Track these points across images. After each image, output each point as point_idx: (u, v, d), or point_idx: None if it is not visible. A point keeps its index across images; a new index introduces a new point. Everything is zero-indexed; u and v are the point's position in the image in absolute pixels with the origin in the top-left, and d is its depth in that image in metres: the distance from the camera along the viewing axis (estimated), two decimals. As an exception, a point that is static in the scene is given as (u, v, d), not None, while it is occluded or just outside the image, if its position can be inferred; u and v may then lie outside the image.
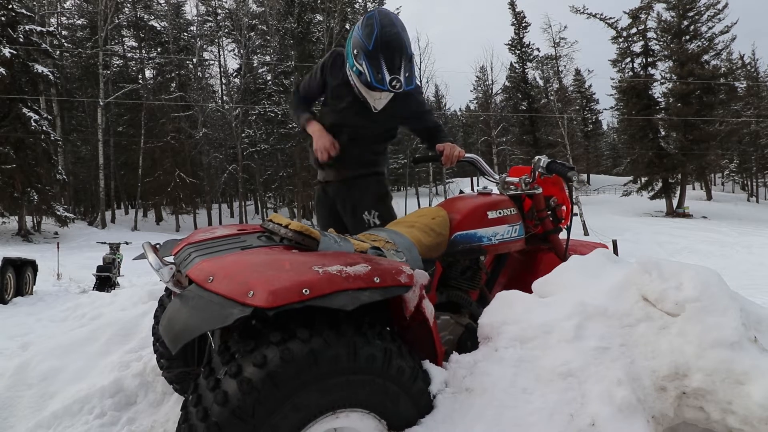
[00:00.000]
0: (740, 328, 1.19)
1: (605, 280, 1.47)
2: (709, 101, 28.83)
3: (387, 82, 2.02)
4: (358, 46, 2.08)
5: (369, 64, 2.04)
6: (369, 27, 2.04)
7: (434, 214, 1.87)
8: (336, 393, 1.10)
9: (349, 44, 2.16)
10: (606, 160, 60.68)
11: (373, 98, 2.23)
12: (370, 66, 2.04)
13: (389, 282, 1.21)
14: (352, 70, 2.15)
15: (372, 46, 2.02)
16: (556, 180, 2.18)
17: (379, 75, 2.03)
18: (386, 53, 2.02)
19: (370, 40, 2.03)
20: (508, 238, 1.96)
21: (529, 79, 36.78)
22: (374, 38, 2.02)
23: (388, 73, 2.02)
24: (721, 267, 10.12)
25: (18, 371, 2.46)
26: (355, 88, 2.22)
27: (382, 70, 2.02)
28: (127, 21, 31.23)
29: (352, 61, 2.13)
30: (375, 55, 2.02)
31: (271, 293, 1.05)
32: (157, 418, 2.09)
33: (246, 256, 1.29)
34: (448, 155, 2.22)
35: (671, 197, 29.98)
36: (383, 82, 2.03)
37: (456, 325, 1.79)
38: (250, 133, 29.83)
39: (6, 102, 19.36)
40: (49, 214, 20.43)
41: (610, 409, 1.17)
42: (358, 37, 2.09)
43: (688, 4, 28.98)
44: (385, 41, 2.02)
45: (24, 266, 7.92)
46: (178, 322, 1.09)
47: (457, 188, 28.59)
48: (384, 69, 2.02)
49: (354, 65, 2.12)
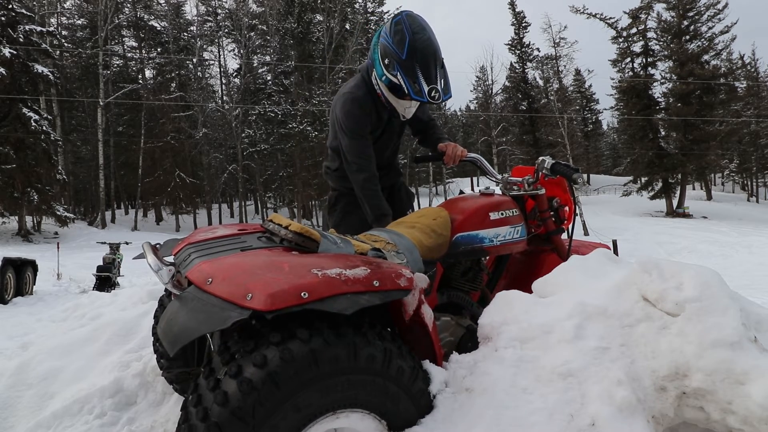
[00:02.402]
0: (740, 328, 1.19)
1: (605, 280, 1.47)
2: (709, 101, 28.83)
3: (426, 94, 1.91)
4: (389, 55, 1.95)
5: (404, 74, 1.91)
6: (399, 33, 1.92)
7: (435, 214, 1.86)
8: (336, 393, 1.10)
9: (375, 52, 2.04)
10: (606, 160, 60.70)
11: (402, 107, 2.13)
12: (406, 77, 1.91)
13: (389, 285, 1.20)
14: (381, 80, 2.03)
15: (406, 55, 1.90)
16: (559, 181, 2.17)
17: (417, 86, 1.91)
18: (421, 62, 1.90)
19: (402, 48, 1.90)
20: (510, 240, 1.94)
21: (529, 79, 36.77)
22: (407, 46, 1.89)
23: (426, 83, 1.90)
24: (721, 267, 10.11)
25: (18, 371, 2.46)
26: (382, 96, 2.11)
27: (419, 80, 1.90)
28: (127, 21, 31.24)
29: (381, 70, 2.01)
30: (409, 65, 1.90)
31: (269, 296, 1.05)
32: (157, 418, 2.09)
33: (245, 257, 1.29)
34: (451, 155, 2.20)
35: (671, 197, 29.98)
36: (422, 94, 1.91)
37: (457, 326, 1.79)
38: (250, 133, 29.84)
39: (6, 102, 19.38)
40: (49, 214, 20.44)
41: (610, 409, 1.17)
42: (387, 45, 1.96)
43: (688, 4, 28.97)
44: (420, 48, 1.90)
45: (24, 266, 7.93)
46: (177, 324, 1.09)
47: (457, 188, 28.58)
48: (421, 79, 1.90)
49: (384, 75, 1.99)
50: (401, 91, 2.00)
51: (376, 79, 2.09)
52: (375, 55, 2.05)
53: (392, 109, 2.15)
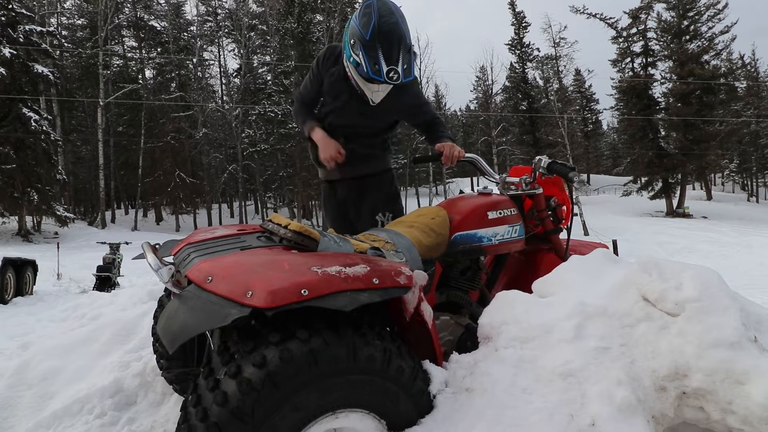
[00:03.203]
0: (740, 328, 1.19)
1: (605, 280, 1.47)
2: (709, 101, 28.80)
3: (384, 74, 1.94)
4: (355, 35, 2.00)
5: (366, 54, 1.95)
6: (366, 16, 1.96)
7: (434, 214, 1.86)
8: (336, 393, 1.10)
9: (346, 34, 2.09)
10: (606, 160, 60.67)
11: (370, 91, 2.15)
12: (367, 57, 1.95)
13: (388, 283, 1.21)
14: (349, 60, 2.07)
15: (369, 36, 1.94)
16: (556, 180, 2.18)
17: (376, 66, 1.95)
18: (384, 43, 1.94)
19: (367, 29, 1.94)
20: (508, 239, 1.95)
21: (529, 79, 36.76)
22: (372, 27, 1.94)
23: (386, 63, 1.94)
24: (721, 267, 10.11)
25: (18, 371, 2.46)
26: (353, 80, 2.15)
27: (379, 61, 1.94)
28: (127, 21, 31.23)
29: (348, 51, 2.05)
30: (372, 45, 1.94)
31: (269, 294, 1.05)
32: (157, 418, 2.09)
33: (245, 256, 1.29)
34: (448, 155, 2.21)
35: (671, 197, 29.97)
36: (380, 74, 1.95)
37: (456, 325, 1.79)
38: (250, 133, 29.83)
39: (6, 102, 19.37)
40: (49, 214, 20.43)
41: (610, 409, 1.17)
42: (355, 26, 2.01)
43: (688, 4, 28.95)
44: (384, 31, 1.94)
45: (24, 266, 7.93)
46: (177, 321, 1.09)
47: (457, 188, 28.57)
48: (381, 60, 1.94)
49: (351, 56, 2.04)
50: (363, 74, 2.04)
51: (345, 61, 2.13)
52: (345, 37, 2.11)
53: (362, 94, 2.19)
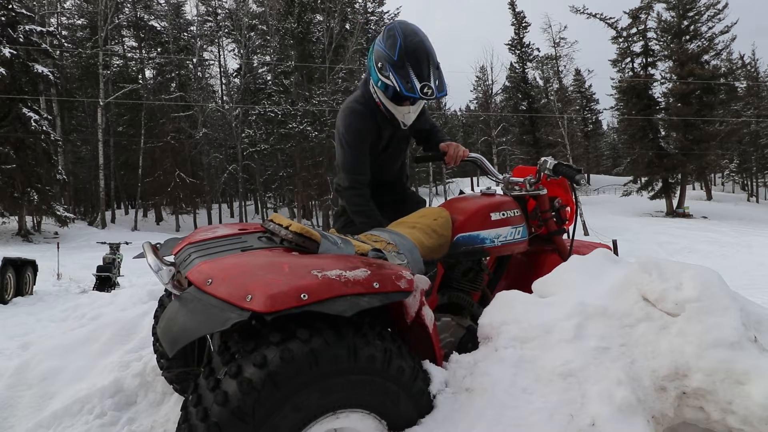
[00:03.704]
0: (740, 328, 1.19)
1: (605, 280, 1.47)
2: (709, 101, 28.79)
3: (418, 90, 1.93)
4: (382, 58, 2.00)
5: (396, 74, 1.95)
6: (392, 38, 1.98)
7: (436, 215, 1.86)
8: (336, 393, 1.10)
9: (371, 60, 2.08)
10: (606, 160, 60.65)
11: (401, 113, 2.12)
12: (398, 76, 1.95)
13: (389, 287, 1.20)
14: (377, 86, 2.06)
15: (397, 56, 1.95)
16: (560, 181, 2.17)
17: (409, 84, 1.94)
18: (413, 61, 1.94)
19: (394, 50, 1.96)
20: (511, 240, 1.94)
21: (529, 79, 36.73)
22: (398, 47, 1.95)
23: (418, 80, 1.94)
24: (721, 267, 10.10)
25: (18, 371, 2.46)
26: (381, 106, 2.12)
27: (411, 79, 1.94)
28: (127, 21, 31.21)
29: (376, 76, 2.04)
30: (401, 65, 1.95)
31: (269, 298, 1.05)
32: (157, 418, 2.09)
33: (245, 258, 1.29)
34: (452, 155, 2.20)
35: (671, 197, 29.96)
36: (414, 91, 1.94)
37: (457, 326, 1.78)
38: (250, 133, 29.82)
39: (6, 102, 19.36)
40: (49, 214, 20.43)
41: (610, 409, 1.17)
42: (380, 50, 2.01)
43: (688, 4, 28.94)
44: (411, 49, 1.95)
45: (24, 266, 7.93)
46: (177, 324, 1.09)
47: (457, 188, 28.55)
48: (413, 77, 1.93)
49: (379, 80, 2.03)
50: (397, 95, 2.03)
51: (373, 87, 2.11)
52: (370, 63, 2.09)
53: (392, 118, 2.15)
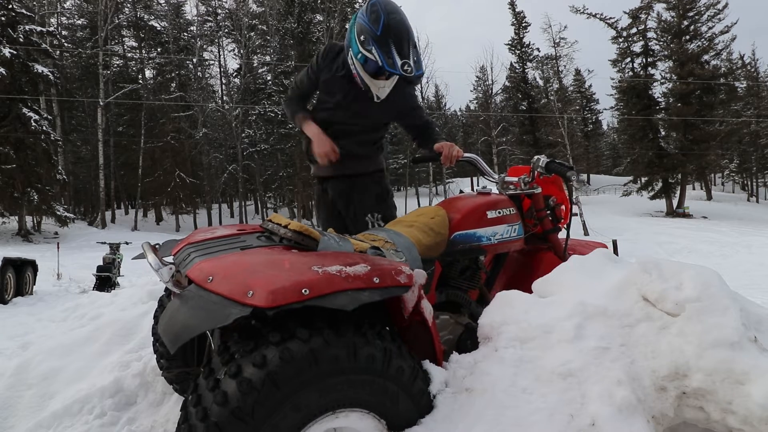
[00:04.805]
0: (740, 328, 1.19)
1: (605, 280, 1.47)
2: (709, 101, 28.81)
3: (399, 66, 2.01)
4: (364, 31, 2.06)
5: (379, 49, 2.02)
6: (375, 13, 2.04)
7: (433, 213, 1.87)
8: (336, 393, 1.10)
9: (352, 32, 2.13)
10: (606, 160, 60.68)
11: (377, 86, 2.19)
12: (381, 51, 2.02)
13: (388, 282, 1.21)
14: (357, 58, 2.11)
15: (381, 31, 2.01)
16: (555, 179, 2.19)
17: (390, 59, 2.01)
18: (395, 38, 2.02)
19: (377, 25, 2.02)
20: (507, 238, 1.96)
21: (529, 79, 36.77)
22: (382, 23, 2.01)
23: (399, 57, 2.01)
24: (721, 267, 10.11)
25: (18, 371, 2.46)
26: (357, 77, 2.19)
27: (392, 55, 2.01)
28: (127, 21, 31.22)
29: (357, 48, 2.10)
30: (384, 40, 2.01)
31: (270, 293, 1.05)
32: (157, 418, 2.09)
33: (245, 256, 1.29)
34: (447, 155, 2.22)
35: (671, 197, 29.97)
36: (395, 66, 2.01)
37: (455, 324, 1.79)
38: (250, 133, 29.84)
39: (6, 102, 19.37)
40: (49, 214, 20.43)
41: (610, 409, 1.17)
42: (363, 23, 2.07)
43: (688, 4, 28.96)
44: (394, 26, 2.02)
45: (24, 266, 7.92)
46: (178, 321, 1.09)
47: (457, 188, 28.58)
48: (395, 53, 2.01)
49: (360, 52, 2.09)
50: (375, 68, 2.09)
51: (352, 58, 2.16)
52: (351, 35, 2.14)
53: (366, 90, 2.21)
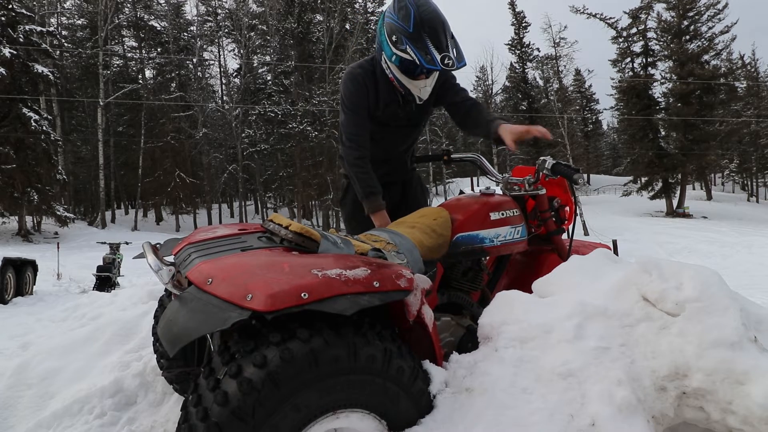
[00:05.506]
0: (740, 328, 1.19)
1: (605, 280, 1.47)
2: (709, 101, 28.82)
3: (438, 61, 1.83)
4: (395, 31, 1.90)
5: (413, 47, 1.84)
6: (403, 9, 1.89)
7: (436, 214, 1.86)
8: (336, 393, 1.10)
9: (382, 34, 1.99)
10: (606, 160, 60.66)
11: (417, 88, 2.03)
12: (416, 49, 1.84)
13: (389, 286, 1.20)
14: (391, 60, 1.96)
15: (413, 27, 1.85)
16: (559, 181, 2.17)
17: (428, 56, 1.84)
18: (430, 32, 1.85)
19: (408, 21, 1.86)
20: (510, 240, 1.94)
21: (529, 79, 36.79)
22: (413, 18, 1.85)
23: (437, 51, 1.84)
24: (721, 267, 10.12)
25: (18, 371, 2.46)
26: (395, 81, 2.03)
27: (430, 50, 1.83)
28: (127, 21, 31.21)
29: (390, 50, 1.94)
30: (418, 36, 1.85)
31: (269, 297, 1.05)
32: (157, 418, 2.09)
33: (245, 257, 1.29)
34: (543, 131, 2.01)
35: (671, 197, 29.97)
36: (434, 62, 1.84)
37: (457, 326, 1.78)
38: (250, 133, 29.83)
39: (6, 102, 19.36)
40: (49, 214, 20.43)
41: (610, 409, 1.17)
42: (393, 22, 1.91)
43: (688, 4, 28.95)
44: (426, 18, 1.86)
45: (24, 266, 7.93)
46: (177, 324, 1.09)
47: (457, 188, 28.54)
48: (432, 48, 1.84)
49: (393, 54, 1.93)
50: (413, 68, 1.95)
51: (386, 62, 2.02)
52: (382, 37, 2.00)
53: (407, 94, 2.08)
